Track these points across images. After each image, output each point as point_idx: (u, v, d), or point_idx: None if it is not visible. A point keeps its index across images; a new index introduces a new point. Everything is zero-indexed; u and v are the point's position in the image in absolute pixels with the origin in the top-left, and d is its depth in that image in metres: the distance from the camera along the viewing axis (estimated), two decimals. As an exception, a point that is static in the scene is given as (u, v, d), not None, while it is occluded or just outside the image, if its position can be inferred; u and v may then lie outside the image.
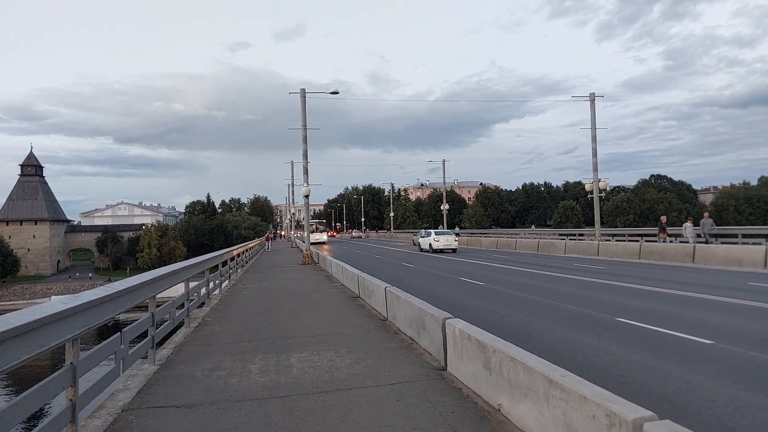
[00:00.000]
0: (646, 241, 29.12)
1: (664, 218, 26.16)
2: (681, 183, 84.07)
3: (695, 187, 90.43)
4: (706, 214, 25.74)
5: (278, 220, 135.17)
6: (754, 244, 22.74)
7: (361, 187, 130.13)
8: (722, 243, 24.77)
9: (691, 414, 4.64)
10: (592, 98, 29.09)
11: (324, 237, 59.39)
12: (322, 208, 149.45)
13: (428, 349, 6.35)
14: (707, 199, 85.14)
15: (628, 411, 2.80)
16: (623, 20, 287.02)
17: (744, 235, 26.49)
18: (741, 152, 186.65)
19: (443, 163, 55.66)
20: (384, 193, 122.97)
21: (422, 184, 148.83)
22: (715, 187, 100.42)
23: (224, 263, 14.50)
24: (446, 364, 5.64)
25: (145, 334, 6.04)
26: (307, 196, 24.75)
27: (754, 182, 78.64)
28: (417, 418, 4.28)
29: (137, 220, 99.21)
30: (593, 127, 28.98)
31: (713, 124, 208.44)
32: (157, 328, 6.24)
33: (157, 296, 6.36)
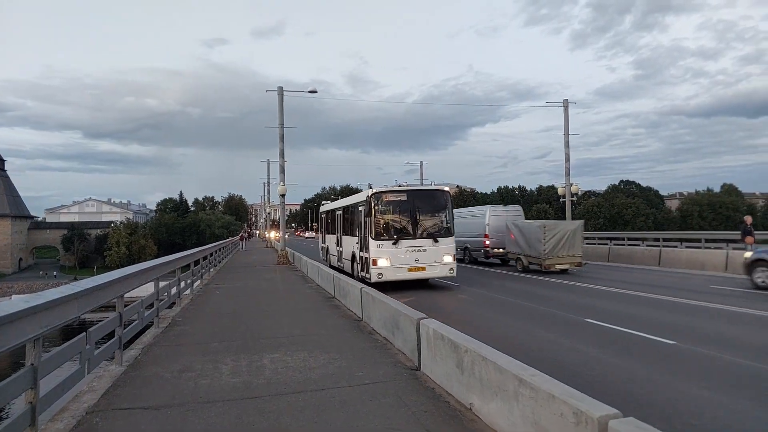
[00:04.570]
0: (615, 244, 29.87)
1: (749, 219, 19.09)
2: (648, 189, 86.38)
3: (662, 192, 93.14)
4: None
5: (253, 219, 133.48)
6: (716, 248, 23.58)
7: (338, 188, 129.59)
8: (686, 247, 25.61)
9: (655, 412, 4.78)
10: (565, 105, 29.68)
11: (449, 260, 14.60)
12: (298, 207, 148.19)
13: (402, 349, 6.36)
14: (673, 204, 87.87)
15: (594, 409, 2.87)
16: (596, 30, 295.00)
17: (707, 240, 27.40)
18: (705, 160, 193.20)
19: (420, 165, 55.91)
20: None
21: (400, 186, 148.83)
22: (680, 193, 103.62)
23: (196, 262, 14.23)
24: (420, 364, 5.66)
25: (112, 335, 5.89)
26: (283, 195, 24.52)
27: (717, 189, 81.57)
28: (390, 418, 4.28)
29: (106, 218, 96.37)
30: (566, 133, 29.57)
31: (679, 132, 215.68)
32: (124, 329, 6.08)
33: (126, 296, 6.19)
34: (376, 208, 14.31)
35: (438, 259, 14.19)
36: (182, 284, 11.26)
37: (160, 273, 8.62)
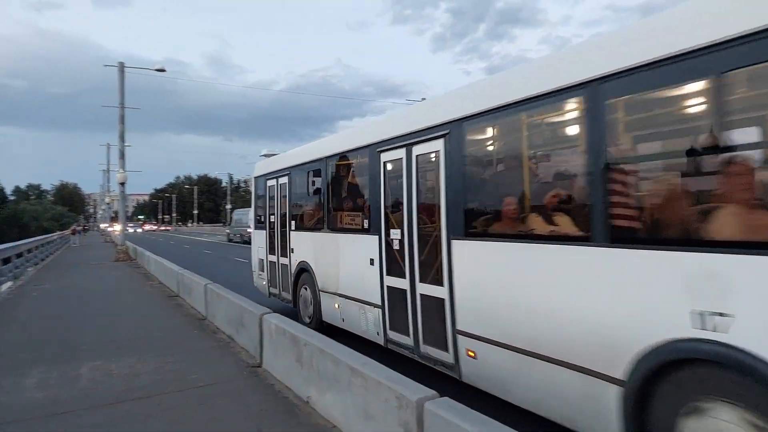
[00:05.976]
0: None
1: None
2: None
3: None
4: None
5: (92, 210, 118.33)
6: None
7: (195, 176, 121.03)
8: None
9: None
10: (422, 105, 31.37)
11: None
12: (147, 198, 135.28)
13: (246, 347, 6.11)
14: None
15: (412, 392, 3.01)
16: (455, 35, 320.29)
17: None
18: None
19: (283, 157, 54.68)
20: (222, 183, 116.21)
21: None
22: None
23: (6, 260, 12.09)
24: (262, 361, 5.49)
25: None
26: (123, 184, 22.01)
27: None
28: (222, 420, 4.05)
29: None
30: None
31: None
32: None
33: None
34: None
35: None
36: (-17, 286, 9.45)
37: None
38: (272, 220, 9.29)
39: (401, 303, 5.43)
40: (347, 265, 6.64)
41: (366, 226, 6.22)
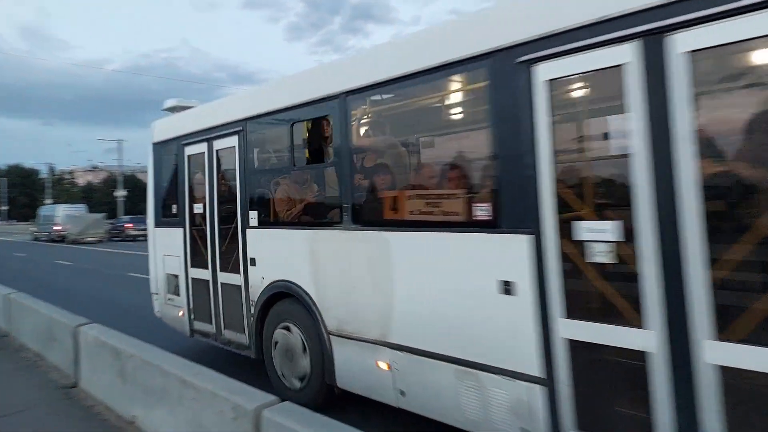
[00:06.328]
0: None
1: None
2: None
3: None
4: None
5: None
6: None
7: (5, 167, 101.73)
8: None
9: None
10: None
11: None
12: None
13: (58, 365, 5.20)
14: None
15: (249, 401, 2.78)
16: (310, 26, 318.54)
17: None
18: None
19: (119, 144, 48.88)
20: (40, 175, 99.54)
21: (95, 167, 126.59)
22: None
23: None
24: (78, 380, 4.71)
25: None
26: None
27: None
28: (17, 460, 3.34)
29: None
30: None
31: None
32: None
33: None
34: None
35: None
36: None
37: None
38: (199, 210, 5.60)
39: (635, 380, 2.46)
40: (421, 291, 3.40)
41: (486, 215, 3.05)
